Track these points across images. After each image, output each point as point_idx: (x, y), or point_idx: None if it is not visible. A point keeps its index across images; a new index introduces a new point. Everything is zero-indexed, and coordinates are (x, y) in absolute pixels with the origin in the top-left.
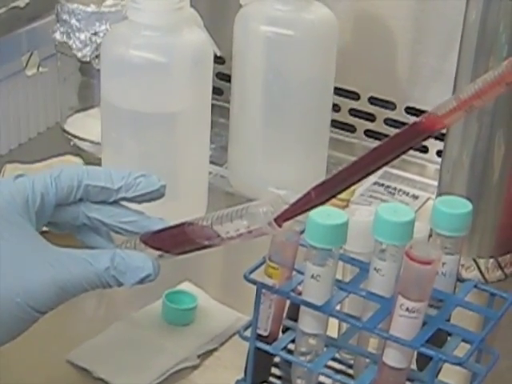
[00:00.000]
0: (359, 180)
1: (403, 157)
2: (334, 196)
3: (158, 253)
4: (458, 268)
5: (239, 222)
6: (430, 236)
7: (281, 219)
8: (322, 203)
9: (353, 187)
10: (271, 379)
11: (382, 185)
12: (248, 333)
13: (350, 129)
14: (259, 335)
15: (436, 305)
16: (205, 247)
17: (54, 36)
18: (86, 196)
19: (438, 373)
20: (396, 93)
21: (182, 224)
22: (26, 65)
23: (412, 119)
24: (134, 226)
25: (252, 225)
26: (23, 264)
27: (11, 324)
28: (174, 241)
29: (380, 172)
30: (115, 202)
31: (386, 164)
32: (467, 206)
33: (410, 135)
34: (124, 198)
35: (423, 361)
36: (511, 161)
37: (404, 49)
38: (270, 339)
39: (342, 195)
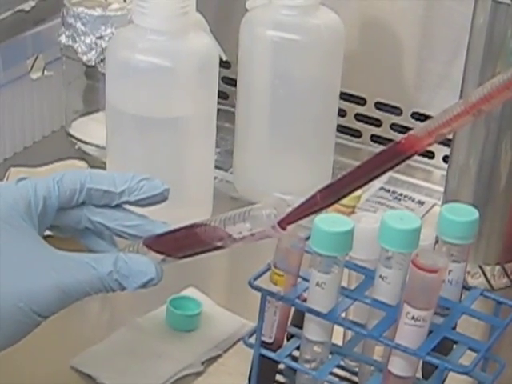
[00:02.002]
0: (366, 183)
1: (409, 162)
2: (339, 199)
3: (161, 257)
4: (464, 276)
5: (242, 225)
6: (436, 242)
7: (285, 222)
8: (327, 206)
9: (359, 193)
10: None
11: (388, 190)
12: (252, 340)
13: (356, 134)
14: (264, 342)
15: (442, 313)
16: (208, 250)
17: (59, 39)
18: (89, 199)
19: (444, 381)
20: (402, 98)
21: (185, 227)
22: (31, 68)
23: (418, 124)
24: (137, 230)
25: (255, 228)
26: (26, 268)
27: (13, 328)
28: (177, 244)
29: (386, 177)
30: (118, 206)
31: (393, 167)
32: (474, 214)
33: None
34: (127, 202)
35: (429, 369)
36: None
37: (411, 54)
38: (274, 346)
39: (348, 201)
